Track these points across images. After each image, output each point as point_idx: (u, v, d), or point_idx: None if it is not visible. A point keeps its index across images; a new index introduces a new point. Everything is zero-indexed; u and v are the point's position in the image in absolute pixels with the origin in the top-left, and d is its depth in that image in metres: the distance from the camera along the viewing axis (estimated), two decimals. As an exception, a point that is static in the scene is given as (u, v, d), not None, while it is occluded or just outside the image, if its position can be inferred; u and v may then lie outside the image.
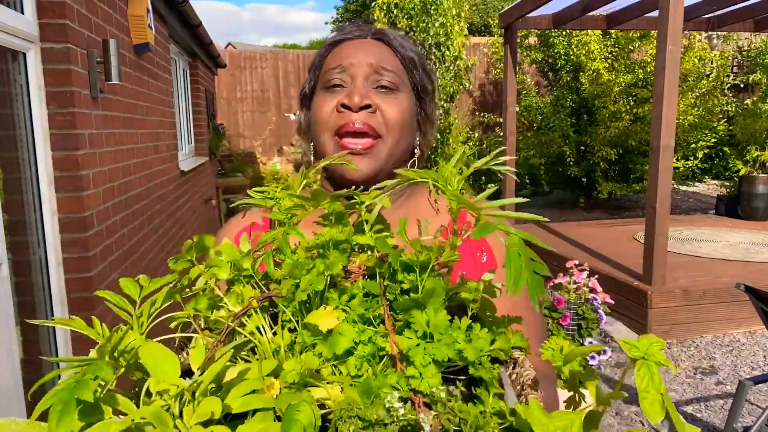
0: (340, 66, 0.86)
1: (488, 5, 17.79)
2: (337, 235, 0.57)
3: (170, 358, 0.45)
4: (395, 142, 0.87)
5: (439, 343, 0.47)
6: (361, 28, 0.91)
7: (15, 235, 2.27)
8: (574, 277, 2.97)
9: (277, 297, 0.54)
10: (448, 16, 8.13)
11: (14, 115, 2.27)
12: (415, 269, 0.53)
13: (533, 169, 9.39)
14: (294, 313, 0.54)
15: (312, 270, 0.53)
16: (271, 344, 0.53)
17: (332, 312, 0.51)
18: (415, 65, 0.90)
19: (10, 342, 2.08)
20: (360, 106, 0.83)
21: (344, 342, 0.49)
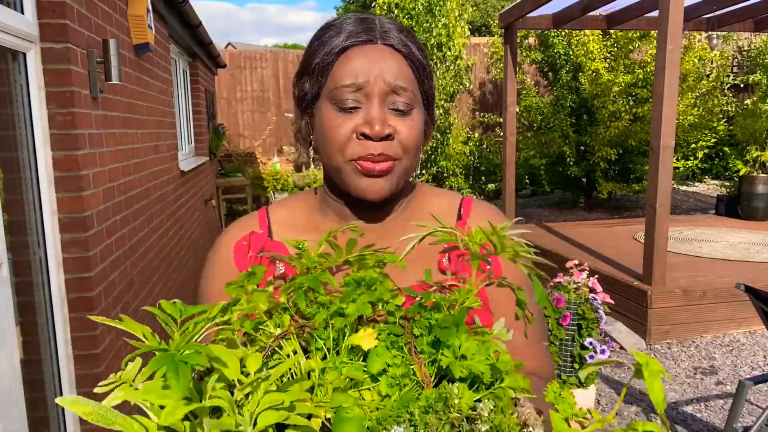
0: (354, 84, 0.80)
1: (488, 5, 17.79)
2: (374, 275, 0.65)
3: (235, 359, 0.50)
4: (410, 162, 0.85)
5: (473, 359, 0.54)
6: (368, 30, 0.83)
7: (15, 235, 2.27)
8: (574, 277, 2.97)
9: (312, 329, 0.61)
10: (451, 17, 8.14)
11: (14, 115, 2.27)
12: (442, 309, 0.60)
13: (533, 169, 9.39)
14: (325, 342, 0.60)
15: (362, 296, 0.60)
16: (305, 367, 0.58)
17: (372, 332, 0.57)
18: (425, 72, 0.86)
19: (10, 342, 2.08)
20: (381, 137, 0.80)
21: (379, 363, 0.55)
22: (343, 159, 0.82)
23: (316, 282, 0.64)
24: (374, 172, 0.81)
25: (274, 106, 11.09)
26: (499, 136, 9.44)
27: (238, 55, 11.08)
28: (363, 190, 0.82)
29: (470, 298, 0.64)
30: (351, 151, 0.81)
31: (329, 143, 0.83)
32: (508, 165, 6.39)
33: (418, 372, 0.55)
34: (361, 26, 0.83)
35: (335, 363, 0.57)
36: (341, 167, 0.83)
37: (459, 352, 0.54)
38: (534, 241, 5.66)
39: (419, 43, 0.87)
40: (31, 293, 2.34)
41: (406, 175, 0.86)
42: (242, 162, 10.63)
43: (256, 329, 0.62)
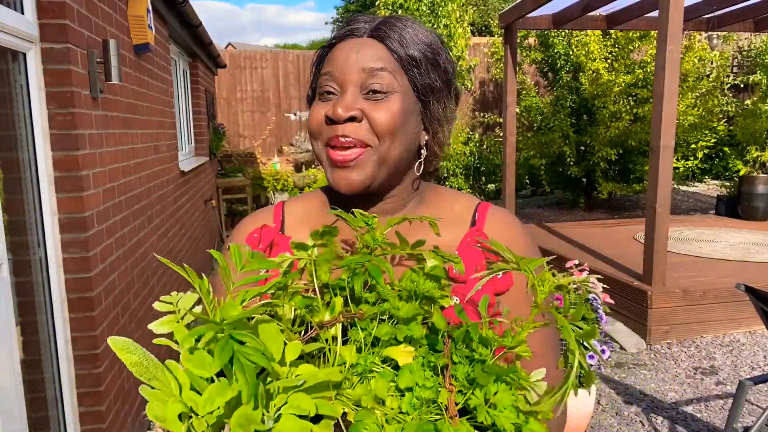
0: (330, 73, 0.83)
1: (488, 5, 17.79)
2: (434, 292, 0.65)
3: (280, 343, 0.51)
4: (387, 149, 0.82)
5: (501, 413, 0.53)
6: (359, 26, 0.85)
7: (15, 235, 2.27)
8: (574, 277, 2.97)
9: (360, 320, 0.61)
10: (452, 18, 8.15)
11: (14, 115, 2.27)
12: (489, 346, 0.59)
13: (533, 169, 9.39)
14: (365, 337, 0.60)
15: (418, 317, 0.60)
16: (339, 357, 0.58)
17: (411, 352, 0.57)
18: (415, 63, 0.83)
19: (10, 342, 2.08)
20: (344, 119, 0.80)
21: (408, 379, 0.54)
22: (320, 146, 0.85)
23: (377, 270, 0.64)
24: (340, 162, 0.81)
25: (274, 106, 11.09)
26: (499, 136, 9.45)
27: (238, 55, 11.08)
28: (336, 183, 0.83)
29: (522, 347, 0.62)
30: (324, 135, 0.83)
31: (309, 130, 0.86)
32: (508, 165, 6.39)
33: (445, 399, 0.54)
34: (354, 23, 0.86)
35: (367, 362, 0.57)
36: (320, 155, 0.86)
37: (491, 399, 0.53)
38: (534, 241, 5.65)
39: (422, 39, 0.85)
40: (31, 293, 2.34)
41: (386, 165, 0.83)
42: (242, 162, 10.62)
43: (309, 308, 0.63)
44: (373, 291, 0.64)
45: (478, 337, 0.58)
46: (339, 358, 0.57)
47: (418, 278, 0.65)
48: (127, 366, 0.47)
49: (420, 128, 0.87)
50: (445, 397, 0.53)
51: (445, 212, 0.90)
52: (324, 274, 0.66)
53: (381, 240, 0.70)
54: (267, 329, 0.51)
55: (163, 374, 0.47)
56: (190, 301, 0.57)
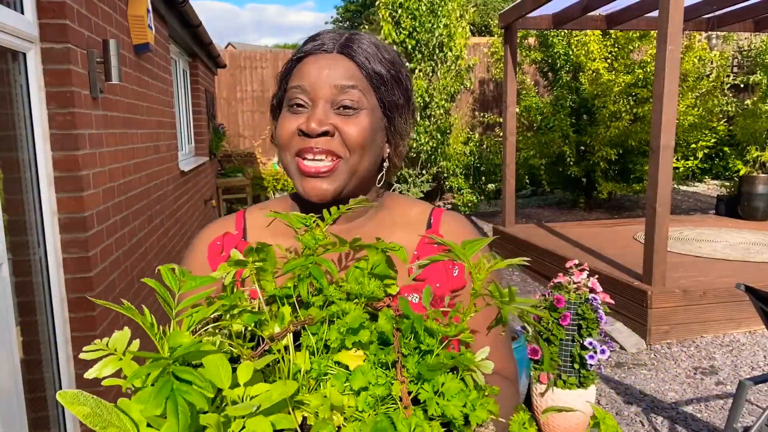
0: (301, 87, 0.86)
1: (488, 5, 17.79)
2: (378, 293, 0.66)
3: (227, 370, 0.50)
4: (357, 161, 0.86)
5: (449, 402, 0.56)
6: (328, 42, 0.88)
7: (15, 235, 2.27)
8: (574, 277, 2.97)
9: (309, 325, 0.62)
10: (452, 17, 8.15)
11: (14, 115, 2.27)
12: (435, 336, 0.61)
13: (533, 169, 9.39)
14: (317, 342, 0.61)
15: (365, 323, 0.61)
16: (293, 366, 0.59)
17: (361, 356, 0.59)
18: (382, 81, 0.88)
19: (10, 342, 2.08)
20: (317, 133, 0.83)
21: (361, 380, 0.57)
22: (289, 157, 0.86)
23: (319, 272, 0.65)
24: (318, 173, 0.84)
25: (274, 106, 11.08)
26: (499, 136, 9.45)
27: (238, 55, 11.08)
28: (307, 192, 0.85)
29: (465, 334, 0.65)
30: (294, 146, 0.85)
31: (278, 141, 0.88)
32: (508, 165, 6.38)
33: (398, 391, 0.56)
34: (326, 38, 0.88)
35: (321, 366, 0.58)
36: (287, 165, 0.87)
37: (440, 389, 0.56)
38: (534, 241, 5.63)
39: (387, 57, 0.89)
40: (31, 293, 2.34)
41: (352, 174, 0.86)
42: (242, 162, 10.62)
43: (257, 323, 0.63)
44: (320, 294, 0.65)
45: (423, 328, 0.61)
46: (293, 366, 0.59)
47: (363, 279, 0.67)
48: (80, 419, 0.45)
49: (384, 142, 0.91)
50: (399, 389, 0.56)
51: (402, 217, 0.96)
52: (268, 285, 0.67)
53: (321, 239, 0.71)
54: (212, 360, 0.50)
55: (119, 419, 0.46)
56: (124, 339, 0.55)
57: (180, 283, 0.60)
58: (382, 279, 0.69)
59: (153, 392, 0.45)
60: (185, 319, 0.58)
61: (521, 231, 6.36)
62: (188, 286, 0.61)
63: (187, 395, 0.45)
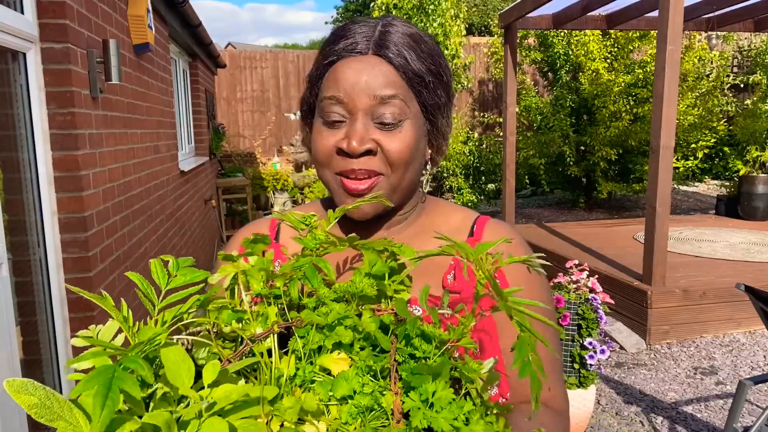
0: (336, 98, 0.78)
1: (488, 5, 17.78)
2: (368, 291, 0.61)
3: (188, 367, 0.46)
4: (400, 177, 0.81)
5: (438, 414, 0.50)
6: (361, 40, 0.80)
7: (15, 235, 2.27)
8: (574, 277, 2.97)
9: (297, 327, 0.57)
10: (447, 16, 8.15)
11: (14, 115, 2.27)
12: (432, 341, 0.55)
13: (533, 169, 9.39)
14: (304, 346, 0.56)
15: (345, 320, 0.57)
16: (276, 371, 0.55)
17: (345, 359, 0.54)
18: (423, 83, 0.80)
19: (10, 342, 2.08)
20: (359, 153, 0.77)
21: (345, 388, 0.51)
22: (329, 173, 0.82)
23: (312, 271, 0.61)
24: (355, 191, 0.79)
25: (274, 106, 11.09)
26: (498, 136, 9.45)
27: (238, 55, 11.08)
28: (350, 212, 0.80)
29: (465, 339, 0.59)
30: (335, 165, 0.80)
31: (316, 158, 0.82)
32: (508, 165, 6.39)
33: (390, 401, 0.51)
34: (358, 35, 0.80)
35: (305, 372, 0.54)
36: (329, 182, 0.83)
37: (431, 399, 0.50)
38: (534, 241, 5.62)
39: (426, 50, 0.82)
40: (31, 293, 2.34)
41: (395, 190, 0.82)
42: (242, 162, 10.62)
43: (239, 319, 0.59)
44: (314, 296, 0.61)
45: (421, 332, 0.56)
46: (277, 371, 0.55)
47: (356, 278, 0.62)
48: (26, 410, 0.42)
49: (426, 147, 0.86)
50: (390, 401, 0.51)
51: (444, 224, 0.90)
52: (256, 283, 0.63)
53: (323, 238, 0.67)
54: (170, 355, 0.46)
55: (71, 413, 0.42)
56: (111, 330, 0.53)
57: (170, 278, 0.57)
58: (380, 279, 0.64)
59: (90, 377, 0.41)
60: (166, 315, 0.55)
61: (521, 231, 6.36)
62: (179, 281, 0.57)
63: (121, 382, 0.41)
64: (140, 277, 0.57)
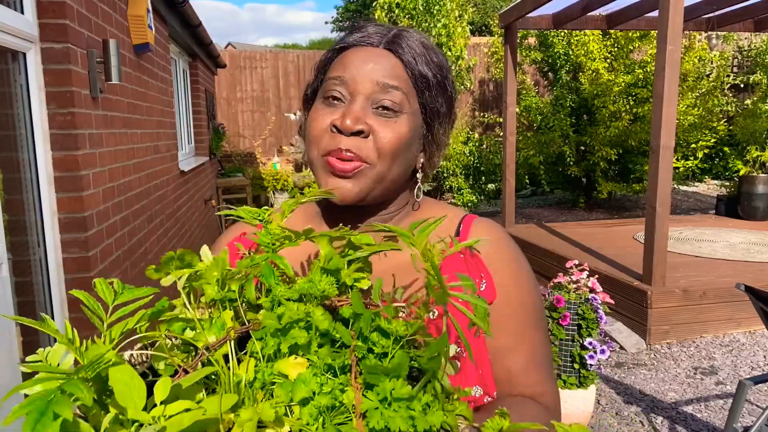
0: (341, 78, 0.80)
1: (487, 4, 17.79)
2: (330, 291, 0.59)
3: (139, 387, 0.44)
4: (386, 169, 0.80)
5: (396, 413, 0.49)
6: (374, 35, 0.82)
7: (15, 235, 2.27)
8: (574, 277, 2.97)
9: (254, 331, 0.55)
10: (451, 17, 8.15)
11: (14, 115, 2.27)
12: (390, 337, 0.55)
13: (533, 169, 9.39)
14: (262, 348, 0.55)
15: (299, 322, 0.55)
16: (234, 377, 0.54)
17: (302, 363, 0.53)
18: (427, 85, 0.82)
19: (10, 342, 2.08)
20: (352, 131, 0.77)
21: (303, 390, 0.51)
22: (317, 153, 0.81)
23: (268, 269, 0.59)
24: (338, 171, 0.78)
25: (274, 106, 11.09)
26: (499, 136, 9.45)
27: (238, 55, 11.09)
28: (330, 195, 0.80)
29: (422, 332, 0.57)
30: (324, 144, 0.80)
31: (308, 135, 0.82)
32: (508, 165, 6.38)
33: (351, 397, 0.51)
34: (372, 30, 0.83)
35: (265, 376, 0.53)
36: (315, 162, 0.82)
37: (389, 397, 0.50)
38: (534, 241, 5.62)
39: (435, 60, 0.83)
40: (31, 293, 2.34)
41: (379, 181, 0.81)
42: (242, 162, 10.63)
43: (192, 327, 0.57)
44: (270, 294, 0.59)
45: (377, 327, 0.55)
46: (235, 377, 0.53)
47: (314, 275, 0.60)
48: None
49: (419, 151, 0.86)
50: (352, 397, 0.51)
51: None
52: (209, 288, 0.60)
53: (279, 233, 0.65)
54: (118, 375, 0.44)
55: None
56: (59, 352, 0.51)
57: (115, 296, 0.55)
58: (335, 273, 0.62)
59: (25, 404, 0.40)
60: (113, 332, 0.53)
61: (521, 231, 6.36)
62: (124, 297, 0.55)
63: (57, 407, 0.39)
64: (86, 295, 0.55)
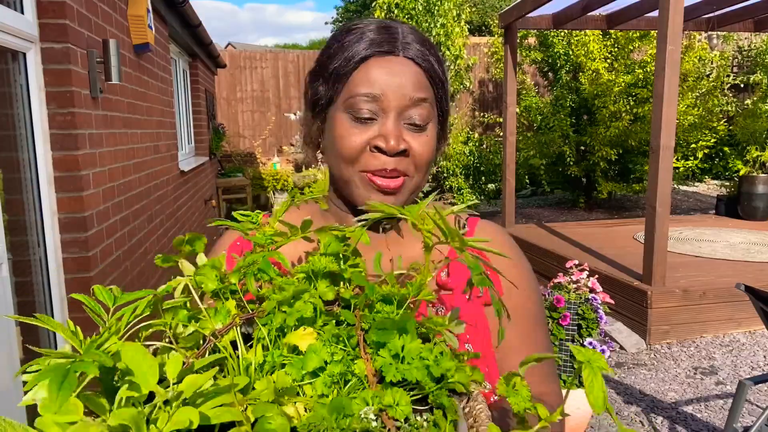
0: (371, 95, 0.78)
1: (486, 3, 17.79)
2: (330, 266, 0.61)
3: (151, 363, 0.45)
4: (421, 179, 0.83)
5: (410, 365, 0.50)
6: (390, 40, 0.80)
7: (15, 235, 2.27)
8: (574, 277, 2.97)
9: (259, 317, 0.56)
10: (449, 17, 8.15)
11: (14, 115, 2.27)
12: (392, 302, 0.56)
13: (533, 169, 9.39)
14: (269, 332, 0.56)
15: (303, 296, 0.56)
16: (243, 361, 0.54)
17: (311, 333, 0.54)
18: (443, 87, 0.84)
19: (10, 342, 2.08)
20: (396, 152, 0.78)
21: (315, 360, 0.51)
22: (353, 170, 0.80)
23: (266, 263, 0.61)
24: (388, 189, 0.79)
25: (274, 106, 11.09)
26: (499, 136, 9.44)
27: (238, 55, 11.09)
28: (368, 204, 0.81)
29: (424, 291, 0.59)
30: (364, 163, 0.79)
31: (340, 153, 0.80)
32: (508, 165, 6.38)
33: (362, 368, 0.51)
34: (383, 35, 0.81)
35: (274, 357, 0.54)
36: (350, 178, 0.81)
37: (401, 354, 0.50)
38: (534, 241, 5.60)
39: (439, 56, 0.85)
40: (31, 293, 2.34)
41: (415, 190, 0.84)
42: (242, 162, 10.63)
43: (196, 319, 0.58)
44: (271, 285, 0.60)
45: (381, 296, 0.56)
46: (244, 362, 0.54)
47: (314, 258, 0.62)
48: None
49: None
50: (363, 368, 0.51)
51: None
52: (209, 282, 0.61)
53: (272, 233, 0.67)
54: (130, 352, 0.45)
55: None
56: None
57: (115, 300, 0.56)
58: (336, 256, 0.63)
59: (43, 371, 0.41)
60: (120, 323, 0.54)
61: (521, 231, 6.36)
62: (125, 299, 0.57)
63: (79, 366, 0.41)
64: (86, 297, 0.56)
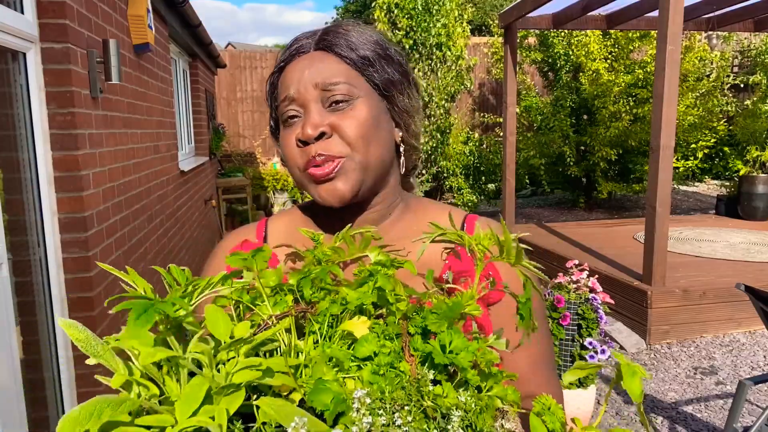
0: (287, 97, 0.82)
1: (487, 4, 17.79)
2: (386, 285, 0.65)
3: (225, 320, 0.51)
4: (363, 154, 0.81)
5: (457, 356, 0.54)
6: (303, 41, 0.85)
7: (15, 235, 2.27)
8: (574, 277, 2.97)
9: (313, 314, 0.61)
10: (450, 17, 8.14)
11: (14, 115, 2.27)
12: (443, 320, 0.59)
13: (533, 169, 9.39)
14: (321, 326, 0.60)
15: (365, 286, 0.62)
16: (295, 347, 0.58)
17: (365, 321, 0.58)
18: (369, 62, 0.83)
19: (10, 342, 2.08)
20: (314, 137, 0.79)
21: (366, 348, 0.55)
22: (300, 174, 0.83)
23: (324, 272, 0.65)
24: (321, 177, 0.80)
25: (274, 106, 11.09)
26: (499, 136, 9.45)
27: (238, 55, 11.09)
28: (323, 198, 0.82)
29: (471, 305, 0.62)
30: (298, 161, 0.82)
31: (286, 162, 0.85)
32: (508, 165, 6.39)
33: (406, 368, 0.53)
34: (301, 41, 0.85)
35: (324, 348, 0.56)
36: (301, 182, 0.84)
37: (448, 347, 0.54)
38: (534, 241, 5.61)
39: (368, 38, 0.85)
40: (31, 293, 2.34)
41: (365, 167, 0.82)
42: (242, 162, 10.63)
43: (255, 304, 0.62)
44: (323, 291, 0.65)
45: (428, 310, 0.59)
46: (296, 348, 0.57)
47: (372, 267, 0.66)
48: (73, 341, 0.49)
49: (392, 125, 0.87)
50: (407, 368, 0.53)
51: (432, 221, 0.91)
52: (271, 280, 0.66)
53: (327, 250, 0.73)
54: (211, 311, 0.51)
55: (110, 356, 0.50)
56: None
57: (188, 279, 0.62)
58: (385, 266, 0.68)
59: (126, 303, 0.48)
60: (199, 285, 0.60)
61: (521, 231, 6.35)
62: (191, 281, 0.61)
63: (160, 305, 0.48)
64: (162, 269, 0.62)
